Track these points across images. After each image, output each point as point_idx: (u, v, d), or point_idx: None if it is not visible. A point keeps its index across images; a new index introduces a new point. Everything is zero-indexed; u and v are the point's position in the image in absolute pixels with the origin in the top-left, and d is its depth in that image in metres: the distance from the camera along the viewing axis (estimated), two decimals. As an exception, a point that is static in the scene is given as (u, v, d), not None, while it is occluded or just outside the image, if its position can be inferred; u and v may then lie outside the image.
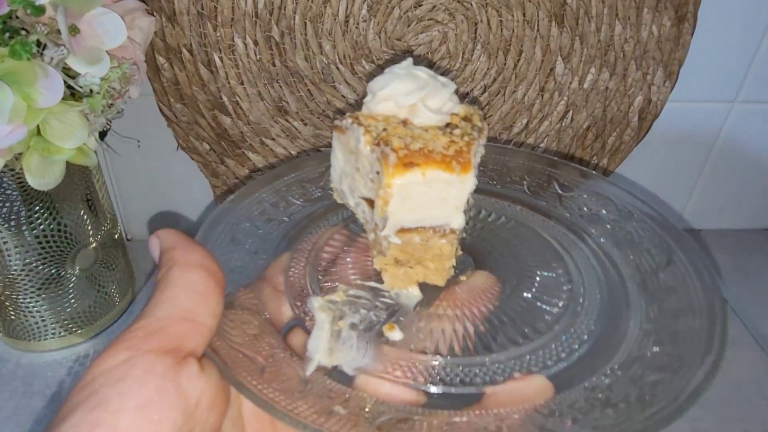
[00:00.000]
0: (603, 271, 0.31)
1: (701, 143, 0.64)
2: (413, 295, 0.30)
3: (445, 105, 0.29)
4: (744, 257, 0.68)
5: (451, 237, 0.29)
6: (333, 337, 0.27)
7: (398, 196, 0.26)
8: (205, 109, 0.55)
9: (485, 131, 0.30)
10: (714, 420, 0.49)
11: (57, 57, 0.36)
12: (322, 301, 0.29)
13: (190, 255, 0.24)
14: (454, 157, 0.26)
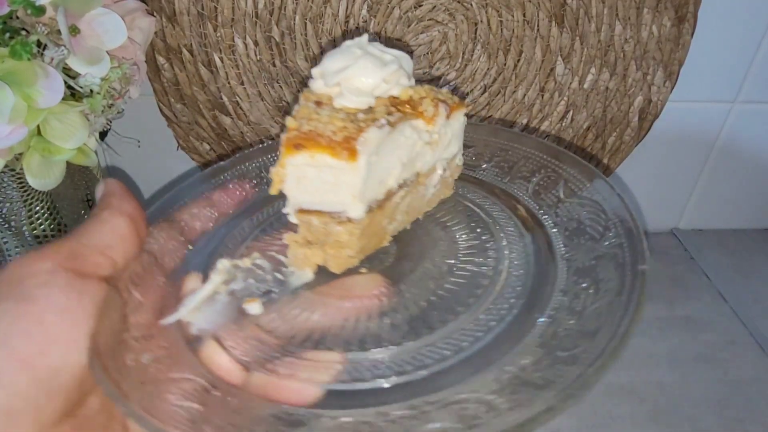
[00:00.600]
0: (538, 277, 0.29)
1: (701, 143, 0.64)
2: (304, 277, 0.30)
3: (376, 87, 0.29)
4: (744, 257, 0.68)
5: (350, 226, 0.28)
6: (208, 298, 0.28)
7: (291, 175, 0.27)
8: (206, 109, 0.55)
9: (436, 118, 0.30)
10: (714, 420, 0.49)
11: (57, 57, 0.36)
12: (228, 264, 0.30)
13: (123, 203, 0.28)
14: (340, 143, 0.26)
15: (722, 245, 0.69)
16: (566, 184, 0.34)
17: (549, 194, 0.34)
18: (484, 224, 0.33)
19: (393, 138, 0.28)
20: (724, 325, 0.58)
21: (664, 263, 0.66)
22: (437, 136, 0.31)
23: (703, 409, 0.50)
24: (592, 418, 0.49)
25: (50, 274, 0.24)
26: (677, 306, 0.61)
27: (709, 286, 0.63)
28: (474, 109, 0.56)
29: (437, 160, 0.33)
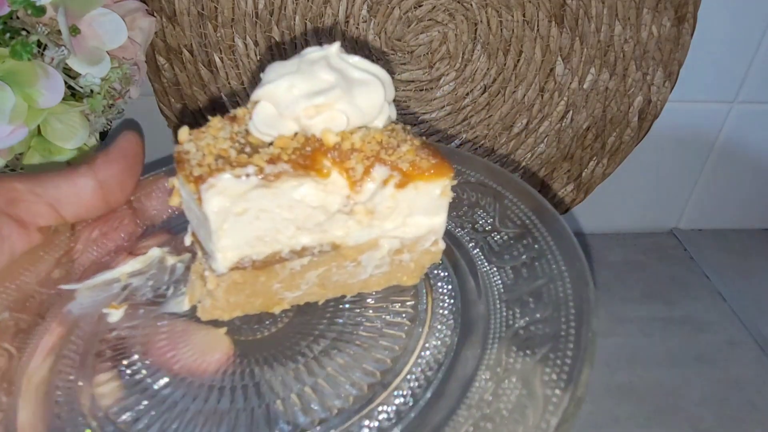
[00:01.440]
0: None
1: (701, 143, 0.64)
2: (180, 305, 0.28)
3: (291, 117, 0.23)
4: (744, 257, 0.68)
5: (214, 276, 0.25)
6: (108, 282, 0.29)
7: (182, 192, 0.26)
8: (206, 109, 0.55)
9: (357, 182, 0.24)
10: (714, 420, 0.49)
11: (58, 57, 0.37)
12: (157, 254, 0.29)
13: (106, 167, 0.28)
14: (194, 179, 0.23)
15: (722, 245, 0.69)
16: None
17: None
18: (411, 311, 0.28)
19: (275, 194, 0.23)
20: (724, 325, 0.58)
21: (664, 263, 0.66)
22: (371, 207, 0.25)
23: (703, 409, 0.50)
24: (593, 418, 0.49)
25: None
26: (677, 306, 0.61)
27: (709, 286, 0.63)
28: (474, 109, 0.56)
29: (379, 235, 0.27)
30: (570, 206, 0.64)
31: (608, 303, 0.61)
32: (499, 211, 0.31)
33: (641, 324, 0.58)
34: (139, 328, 0.28)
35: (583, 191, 0.63)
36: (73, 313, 0.28)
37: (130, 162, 0.29)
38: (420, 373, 0.25)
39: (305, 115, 0.23)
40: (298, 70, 0.23)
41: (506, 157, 0.60)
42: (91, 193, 0.27)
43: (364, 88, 0.23)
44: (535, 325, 0.25)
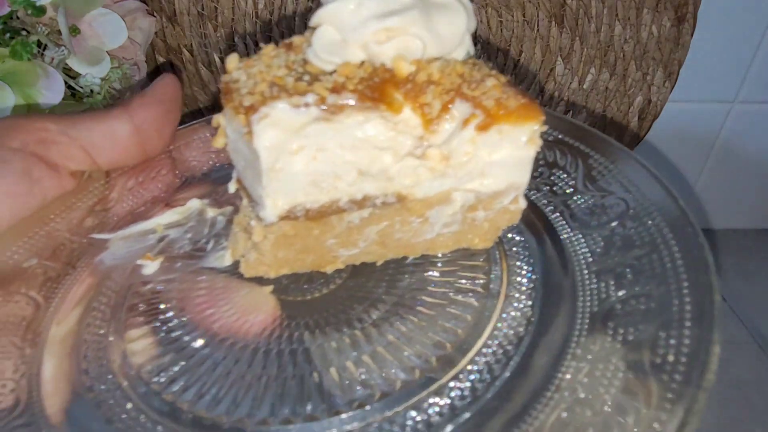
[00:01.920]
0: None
1: (701, 143, 0.64)
2: (220, 260, 0.26)
3: (358, 42, 0.19)
4: (744, 257, 0.68)
5: (262, 226, 0.23)
6: (144, 232, 0.27)
7: (228, 130, 0.23)
8: (206, 109, 0.55)
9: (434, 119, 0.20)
10: (714, 420, 0.49)
11: (58, 57, 0.37)
12: (197, 206, 0.28)
13: (143, 111, 0.26)
14: (244, 110, 0.20)
15: (722, 245, 0.69)
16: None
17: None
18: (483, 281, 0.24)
19: (338, 130, 0.20)
20: (724, 325, 0.58)
21: (664, 263, 0.66)
22: (446, 152, 0.21)
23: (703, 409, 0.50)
24: (592, 418, 0.49)
25: (12, 153, 0.23)
26: (677, 306, 0.61)
27: (709, 286, 0.63)
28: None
29: (452, 187, 0.23)
30: (570, 206, 0.64)
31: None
32: (584, 171, 0.26)
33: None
34: (175, 282, 0.25)
35: (583, 191, 0.63)
36: (105, 263, 0.26)
37: (168, 106, 0.27)
38: (497, 346, 0.21)
39: (374, 40, 0.19)
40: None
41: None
42: (126, 138, 0.26)
43: (445, 12, 0.19)
44: (636, 299, 0.21)
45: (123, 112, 0.26)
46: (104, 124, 0.25)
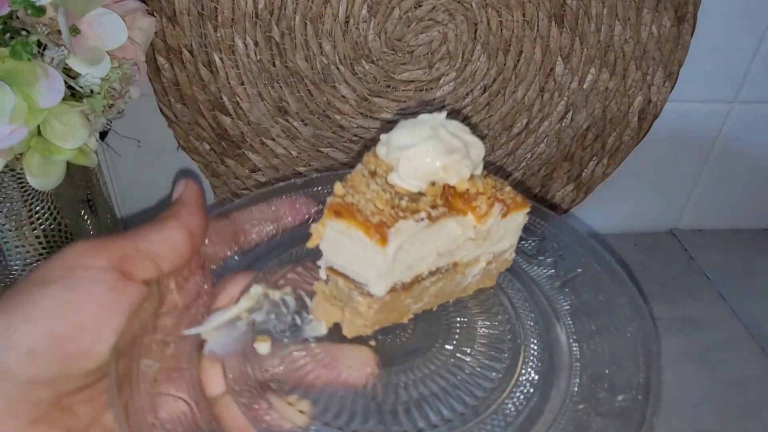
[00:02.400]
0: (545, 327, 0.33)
1: (701, 143, 0.64)
2: (318, 329, 0.32)
3: (434, 173, 0.28)
4: (744, 257, 0.68)
5: (369, 300, 0.29)
6: (229, 322, 0.30)
7: (329, 237, 0.29)
8: (206, 109, 0.55)
9: (484, 221, 0.29)
10: (714, 420, 0.49)
11: (58, 57, 0.37)
12: (260, 291, 0.32)
13: (191, 218, 0.30)
14: (374, 225, 0.27)
15: (722, 245, 0.69)
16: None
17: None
18: (507, 318, 0.34)
19: (432, 231, 0.28)
20: (724, 325, 0.58)
21: (664, 263, 0.66)
22: (486, 233, 0.31)
23: (703, 409, 0.50)
24: (592, 418, 0.49)
25: (100, 271, 0.26)
26: (677, 306, 0.61)
27: (709, 286, 0.63)
28: (474, 109, 0.56)
29: (482, 253, 0.32)
30: (570, 206, 0.64)
31: (608, 303, 0.60)
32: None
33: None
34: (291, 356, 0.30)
35: (583, 191, 0.63)
36: (218, 353, 0.29)
37: (205, 210, 0.31)
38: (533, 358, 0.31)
39: (444, 170, 0.29)
40: (431, 137, 0.28)
41: (506, 157, 0.60)
42: (183, 244, 0.29)
43: (474, 147, 0.30)
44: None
45: (177, 222, 0.30)
46: (165, 234, 0.29)
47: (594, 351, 0.31)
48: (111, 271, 0.27)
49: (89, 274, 0.26)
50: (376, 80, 0.54)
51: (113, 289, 0.26)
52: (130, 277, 0.27)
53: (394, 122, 0.56)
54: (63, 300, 0.25)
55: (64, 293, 0.25)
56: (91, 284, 0.26)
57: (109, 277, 0.26)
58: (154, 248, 0.29)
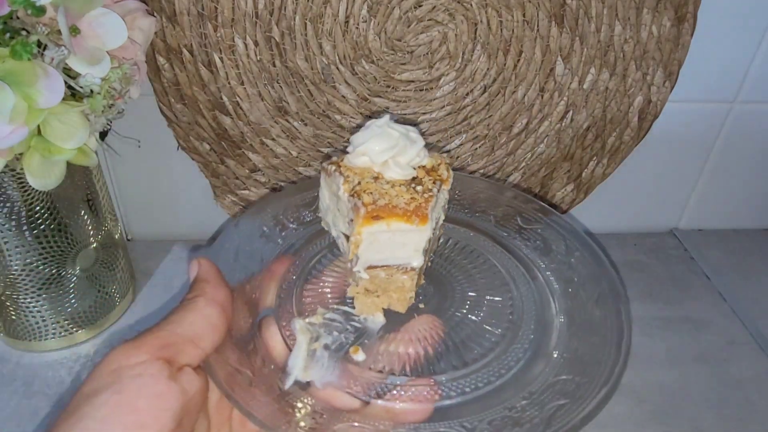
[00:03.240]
0: (541, 302, 0.36)
1: (701, 143, 0.64)
2: (378, 321, 0.35)
3: (412, 161, 0.33)
4: (744, 257, 0.68)
5: (411, 273, 0.33)
6: (309, 356, 0.32)
7: (366, 241, 0.31)
8: (206, 109, 0.55)
9: (449, 180, 0.34)
10: (714, 420, 0.49)
11: (58, 57, 0.37)
12: (303, 323, 0.34)
13: (217, 292, 0.31)
14: (413, 212, 0.31)
15: (722, 245, 0.69)
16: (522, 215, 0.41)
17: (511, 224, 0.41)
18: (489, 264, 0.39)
19: (440, 200, 0.34)
20: (724, 325, 0.58)
21: (664, 263, 0.66)
22: (448, 194, 0.36)
23: (703, 409, 0.50)
24: (592, 418, 0.49)
25: (144, 365, 0.26)
26: (677, 306, 0.61)
27: (709, 286, 0.63)
28: (474, 109, 0.56)
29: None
30: (570, 206, 0.64)
31: (608, 303, 0.60)
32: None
33: (641, 324, 0.58)
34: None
35: (583, 191, 0.63)
36: (322, 386, 0.31)
37: (226, 282, 0.32)
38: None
39: (419, 156, 0.34)
40: (400, 136, 0.33)
41: (506, 157, 0.60)
42: (218, 319, 0.30)
43: (416, 132, 0.35)
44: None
45: (204, 299, 0.30)
46: (198, 314, 0.30)
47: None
48: (155, 363, 0.27)
49: (135, 372, 0.26)
50: (376, 80, 0.54)
51: (160, 378, 0.26)
52: (176, 363, 0.27)
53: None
54: (115, 404, 0.25)
55: (114, 397, 0.25)
56: (138, 381, 0.26)
57: (155, 368, 0.26)
58: (191, 330, 0.29)
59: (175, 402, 0.26)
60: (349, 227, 0.33)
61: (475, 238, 0.41)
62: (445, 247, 0.41)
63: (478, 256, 0.40)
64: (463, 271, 0.39)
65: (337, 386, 0.31)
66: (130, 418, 0.25)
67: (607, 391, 0.29)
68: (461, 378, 0.31)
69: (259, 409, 0.28)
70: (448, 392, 0.30)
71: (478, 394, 0.30)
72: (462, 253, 0.40)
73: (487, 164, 0.60)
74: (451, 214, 0.41)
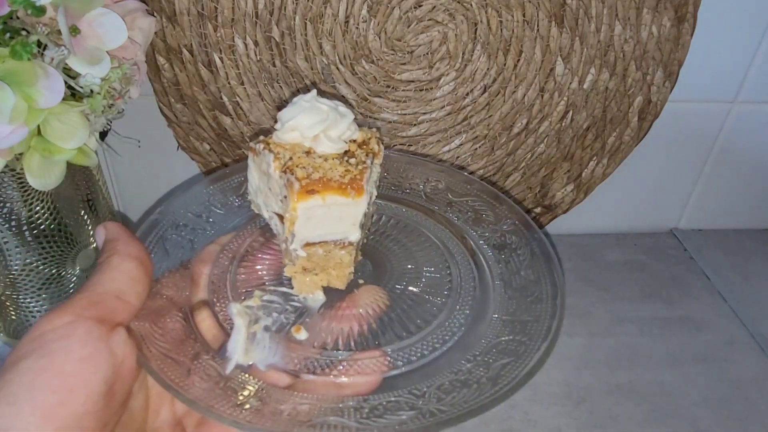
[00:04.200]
0: (477, 270, 0.37)
1: (701, 143, 0.64)
2: (318, 299, 0.35)
3: (343, 134, 0.33)
4: (744, 257, 0.68)
5: (350, 248, 0.33)
6: (249, 339, 0.31)
7: (302, 217, 0.31)
8: (206, 109, 0.55)
9: (380, 153, 0.34)
10: (714, 420, 0.49)
11: (57, 57, 0.37)
12: (240, 307, 0.33)
13: (129, 247, 0.30)
14: (348, 184, 0.31)
15: (722, 245, 0.69)
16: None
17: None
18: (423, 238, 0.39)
19: (374, 172, 0.34)
20: (724, 325, 0.58)
21: (664, 263, 0.66)
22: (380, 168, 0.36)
23: (703, 409, 0.50)
24: (592, 418, 0.49)
25: (69, 326, 0.25)
26: (677, 306, 0.61)
27: (709, 286, 0.63)
28: (474, 109, 0.56)
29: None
30: (570, 206, 0.64)
31: (608, 303, 0.61)
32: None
33: (641, 324, 0.58)
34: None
35: (583, 191, 0.63)
36: (263, 368, 0.31)
37: (135, 237, 0.31)
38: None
39: (349, 129, 0.34)
40: (330, 110, 0.33)
41: (506, 157, 0.60)
42: (138, 272, 0.29)
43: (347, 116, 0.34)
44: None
45: (119, 256, 0.29)
46: (116, 271, 0.29)
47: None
48: (83, 323, 0.25)
49: (58, 334, 0.25)
50: (376, 80, 0.54)
51: (89, 337, 0.25)
52: (105, 321, 0.26)
53: (394, 122, 0.56)
54: (41, 369, 0.24)
55: (40, 362, 0.24)
56: (64, 342, 0.25)
57: (83, 329, 0.25)
58: (113, 286, 0.28)
59: (104, 364, 0.25)
60: (283, 205, 0.32)
61: (408, 213, 0.42)
62: (378, 223, 0.41)
63: (412, 230, 0.40)
64: (399, 245, 0.39)
65: (281, 367, 0.30)
66: (57, 381, 0.24)
67: (546, 347, 0.30)
68: (407, 348, 0.32)
69: (200, 396, 0.27)
70: (395, 362, 0.31)
71: (424, 362, 0.31)
72: (396, 228, 0.41)
73: (487, 164, 0.60)
74: (382, 192, 0.42)
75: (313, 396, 0.29)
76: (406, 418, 0.27)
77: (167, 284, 0.34)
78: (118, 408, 0.27)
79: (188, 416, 0.31)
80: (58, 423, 0.23)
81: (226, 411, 0.26)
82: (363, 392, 0.29)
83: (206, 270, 0.36)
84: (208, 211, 0.40)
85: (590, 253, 0.67)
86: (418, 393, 0.29)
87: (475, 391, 0.28)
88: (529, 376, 0.28)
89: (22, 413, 0.23)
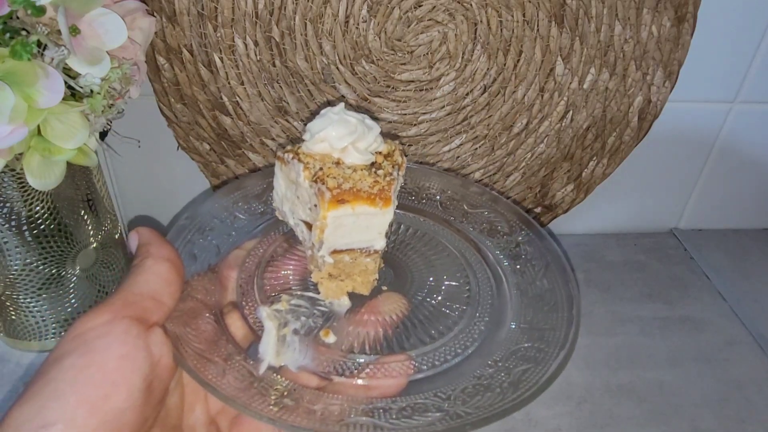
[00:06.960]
0: (495, 279, 0.38)
1: (701, 143, 0.64)
2: (344, 304, 0.36)
3: (371, 146, 0.34)
4: (744, 257, 0.68)
5: (375, 256, 0.35)
6: (279, 342, 0.33)
7: (332, 225, 0.32)
8: (206, 109, 0.55)
9: (404, 165, 0.36)
10: (714, 420, 0.49)
11: (57, 57, 0.37)
12: (270, 310, 0.34)
13: (161, 250, 0.31)
14: (377, 195, 0.32)
15: (722, 245, 0.69)
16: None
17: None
18: (446, 251, 0.41)
19: (399, 182, 0.35)
20: (724, 325, 0.58)
21: (664, 263, 0.66)
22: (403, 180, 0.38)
23: (703, 409, 0.50)
24: (592, 418, 0.49)
25: (108, 325, 0.26)
26: (677, 306, 0.61)
27: (709, 286, 0.63)
28: (474, 109, 0.56)
29: None
30: (570, 206, 0.64)
31: (608, 303, 0.61)
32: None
33: (641, 324, 0.58)
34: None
35: (583, 191, 0.63)
36: (294, 369, 0.31)
37: (167, 240, 0.32)
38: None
39: (376, 142, 0.35)
40: (358, 123, 0.34)
41: (506, 157, 0.60)
42: (171, 273, 0.30)
43: (370, 119, 0.35)
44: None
45: (152, 259, 0.30)
46: (150, 272, 0.30)
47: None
48: (122, 321, 0.27)
49: (98, 333, 0.26)
50: (376, 80, 0.54)
51: (127, 336, 0.26)
52: (141, 321, 0.27)
53: (394, 122, 0.56)
54: (83, 365, 0.25)
55: (82, 359, 0.25)
56: (105, 340, 0.26)
57: (122, 327, 0.26)
58: (147, 288, 0.29)
59: (143, 361, 0.26)
60: (312, 213, 0.33)
61: (426, 222, 0.43)
62: (398, 232, 0.42)
63: (431, 239, 0.41)
64: (418, 254, 0.40)
65: (312, 369, 0.32)
66: (99, 376, 0.25)
67: (565, 354, 0.31)
68: (430, 352, 0.33)
69: (236, 395, 0.28)
70: (419, 366, 0.32)
71: (447, 366, 0.32)
72: (415, 237, 0.42)
73: (487, 164, 0.60)
74: (400, 202, 0.43)
75: (342, 397, 0.30)
76: (434, 420, 0.28)
77: (197, 287, 0.34)
78: (157, 404, 0.27)
79: (221, 415, 0.32)
80: (102, 416, 0.24)
81: (264, 409, 0.27)
82: (390, 394, 0.30)
83: (234, 274, 0.36)
84: (233, 217, 0.41)
85: (590, 253, 0.67)
86: (444, 396, 0.29)
87: (498, 395, 0.29)
88: (549, 382, 0.29)
89: (68, 406, 0.24)
